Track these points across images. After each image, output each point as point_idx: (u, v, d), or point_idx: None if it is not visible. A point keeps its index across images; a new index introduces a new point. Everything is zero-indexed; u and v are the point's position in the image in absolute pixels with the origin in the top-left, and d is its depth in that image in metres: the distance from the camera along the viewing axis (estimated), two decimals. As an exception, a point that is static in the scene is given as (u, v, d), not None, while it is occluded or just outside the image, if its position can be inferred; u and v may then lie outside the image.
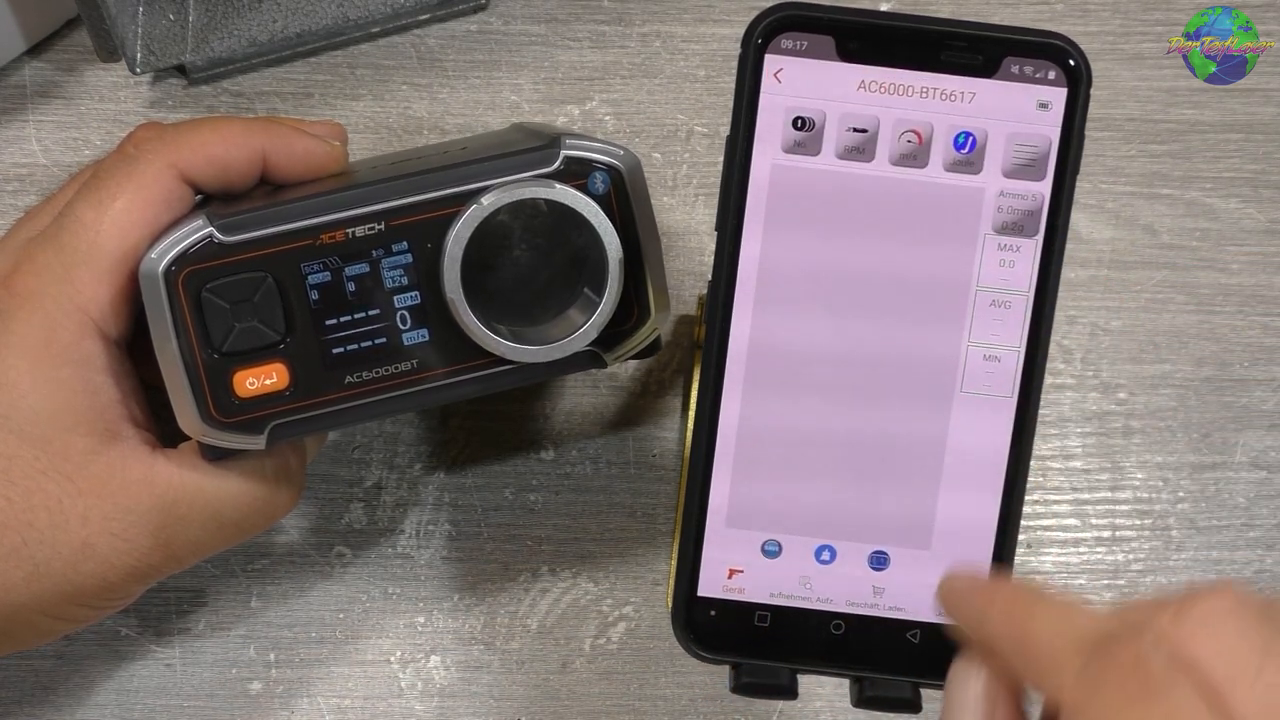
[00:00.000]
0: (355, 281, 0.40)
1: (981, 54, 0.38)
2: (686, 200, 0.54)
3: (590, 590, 0.52)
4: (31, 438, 0.40)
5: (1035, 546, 0.53)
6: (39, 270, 0.41)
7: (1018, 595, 0.33)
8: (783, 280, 0.39)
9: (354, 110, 0.54)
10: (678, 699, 0.51)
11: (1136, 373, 0.54)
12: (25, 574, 0.40)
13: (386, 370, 0.41)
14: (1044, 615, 0.31)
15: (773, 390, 0.39)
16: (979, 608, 0.33)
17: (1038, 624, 0.31)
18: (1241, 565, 0.53)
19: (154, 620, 0.51)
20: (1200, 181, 0.54)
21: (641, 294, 0.41)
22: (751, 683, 0.39)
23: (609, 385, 0.53)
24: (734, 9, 0.55)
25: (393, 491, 0.52)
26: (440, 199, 0.40)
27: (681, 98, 0.54)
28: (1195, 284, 0.54)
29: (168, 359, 0.40)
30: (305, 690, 0.51)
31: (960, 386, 0.39)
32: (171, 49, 0.51)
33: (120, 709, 0.51)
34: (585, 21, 0.55)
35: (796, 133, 0.38)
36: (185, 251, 0.39)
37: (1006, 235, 0.39)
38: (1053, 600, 0.32)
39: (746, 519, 0.39)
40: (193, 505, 0.42)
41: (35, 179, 0.53)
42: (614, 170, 0.40)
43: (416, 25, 0.54)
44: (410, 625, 0.51)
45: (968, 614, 0.34)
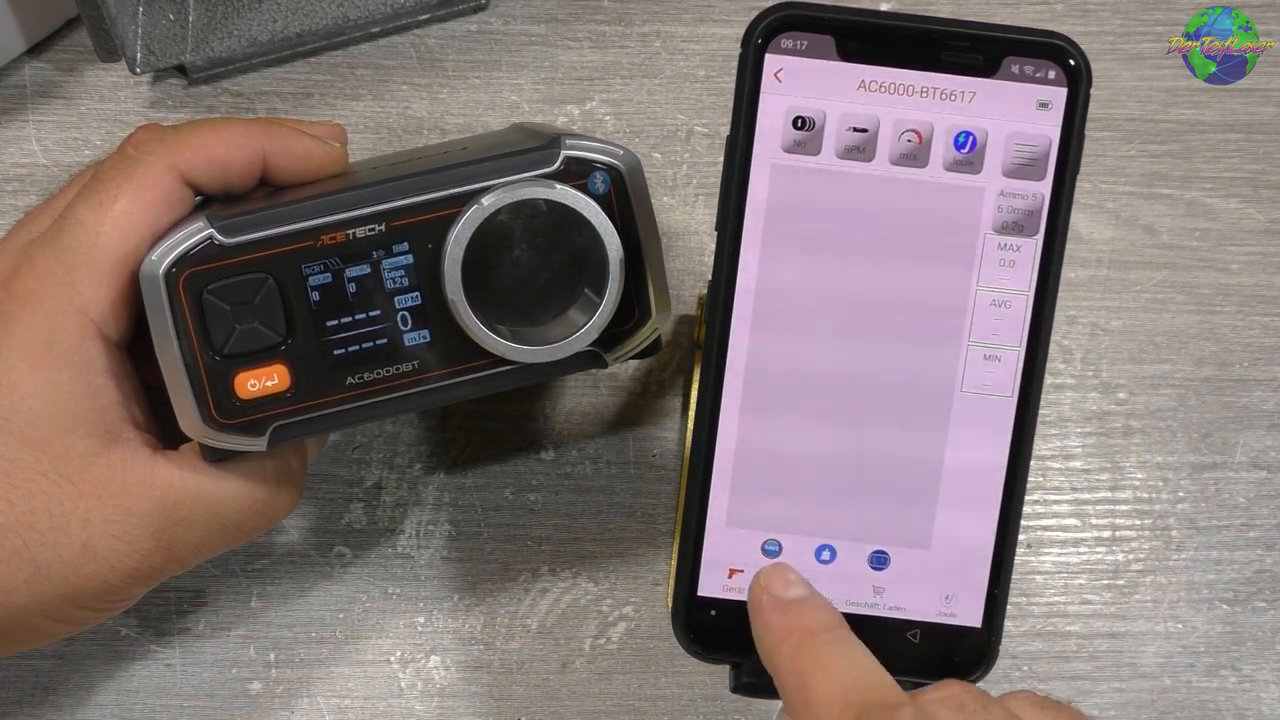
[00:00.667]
0: (356, 282, 0.40)
1: (982, 54, 0.38)
2: (686, 200, 0.54)
3: (590, 590, 0.52)
4: (32, 440, 0.40)
5: (1035, 546, 0.53)
6: (39, 272, 0.41)
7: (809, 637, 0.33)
8: (783, 280, 0.39)
9: (354, 110, 0.54)
10: (678, 699, 0.51)
11: (1136, 373, 0.54)
12: (26, 576, 0.40)
13: (387, 371, 0.41)
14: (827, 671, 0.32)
15: (773, 389, 0.39)
16: (775, 638, 0.34)
17: (819, 678, 0.32)
18: (1241, 565, 0.53)
19: (154, 620, 0.51)
20: (1200, 181, 0.54)
21: (642, 294, 0.42)
22: (751, 683, 0.39)
23: (609, 385, 0.53)
24: (734, 9, 0.55)
25: (393, 491, 0.52)
26: (441, 199, 0.40)
27: (681, 98, 0.54)
28: (1195, 284, 0.54)
29: (168, 361, 0.40)
30: (305, 690, 0.51)
31: (960, 386, 0.39)
32: (171, 49, 0.51)
33: (120, 709, 0.51)
34: (585, 21, 0.55)
35: (796, 132, 0.38)
36: (186, 253, 0.39)
37: (1006, 235, 0.39)
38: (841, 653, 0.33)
39: (746, 519, 0.39)
40: (194, 507, 0.42)
41: (35, 179, 0.53)
42: (614, 170, 0.40)
43: (416, 25, 0.54)
44: (410, 625, 0.51)
45: (763, 638, 0.34)
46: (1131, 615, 0.52)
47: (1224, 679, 0.52)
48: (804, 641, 0.33)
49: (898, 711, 0.31)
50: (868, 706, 0.31)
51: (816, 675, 0.32)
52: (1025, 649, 0.52)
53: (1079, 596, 0.52)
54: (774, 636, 0.34)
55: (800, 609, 0.35)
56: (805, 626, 0.34)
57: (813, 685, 0.32)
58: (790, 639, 0.33)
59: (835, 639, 0.34)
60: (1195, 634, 0.52)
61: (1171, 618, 0.52)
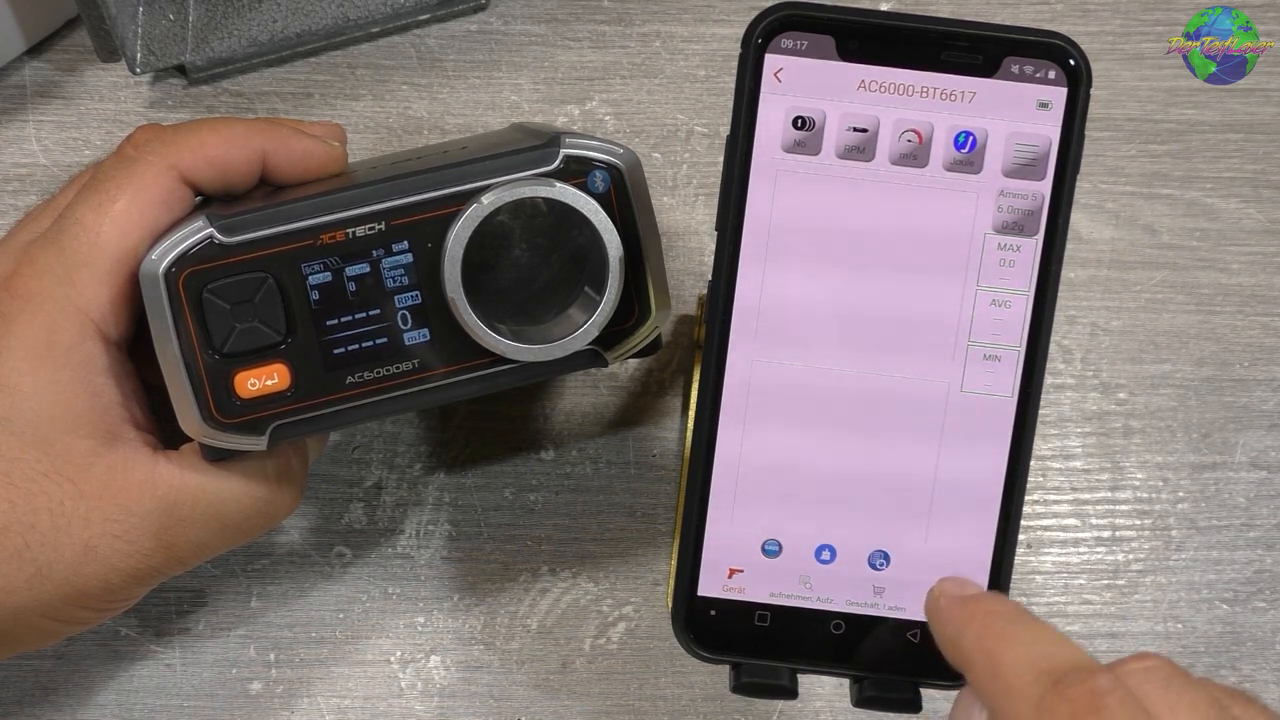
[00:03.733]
0: (356, 281, 0.40)
1: (982, 54, 0.38)
2: (686, 200, 0.54)
3: (590, 590, 0.52)
4: (33, 440, 0.40)
5: (1035, 546, 0.53)
6: (40, 272, 0.41)
7: (993, 617, 0.32)
8: (783, 280, 0.39)
9: (354, 110, 0.54)
10: (678, 699, 0.51)
11: (1136, 373, 0.54)
12: (27, 576, 0.40)
13: (387, 370, 0.41)
14: (1015, 641, 0.31)
15: (773, 389, 0.39)
16: (957, 625, 0.33)
17: (1007, 649, 0.31)
18: (1242, 565, 0.53)
19: (154, 620, 0.51)
20: (1200, 181, 0.55)
21: (642, 292, 0.42)
22: (751, 683, 0.39)
23: (609, 385, 0.53)
24: (734, 9, 0.55)
25: (393, 491, 0.52)
26: (440, 198, 0.40)
27: (681, 98, 0.54)
28: (1195, 284, 0.54)
29: (168, 360, 0.40)
30: (305, 690, 0.51)
31: (961, 386, 0.39)
32: (171, 49, 0.51)
33: (120, 709, 0.51)
34: (585, 21, 0.55)
35: (796, 132, 0.38)
36: (186, 252, 0.39)
37: (1006, 235, 0.39)
38: (1027, 626, 0.32)
39: (746, 519, 0.39)
40: (194, 507, 0.42)
41: (35, 179, 0.53)
42: (614, 169, 0.40)
43: (416, 25, 0.54)
44: (410, 625, 0.51)
45: (944, 630, 0.34)
46: (1131, 615, 0.52)
47: (1224, 679, 0.52)
48: (988, 621, 0.32)
49: (1096, 677, 0.29)
50: (1063, 672, 0.30)
51: (1004, 648, 0.31)
52: (1025, 649, 0.52)
53: (1079, 596, 0.52)
54: (956, 624, 0.33)
55: (979, 599, 0.34)
56: (987, 610, 0.33)
57: (1001, 657, 0.31)
58: (974, 622, 0.33)
59: (1019, 616, 0.33)
60: (1195, 634, 0.52)
61: (1171, 618, 0.52)
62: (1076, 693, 0.29)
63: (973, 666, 0.32)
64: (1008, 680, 0.31)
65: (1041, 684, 0.30)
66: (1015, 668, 0.31)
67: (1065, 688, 0.29)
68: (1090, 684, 0.29)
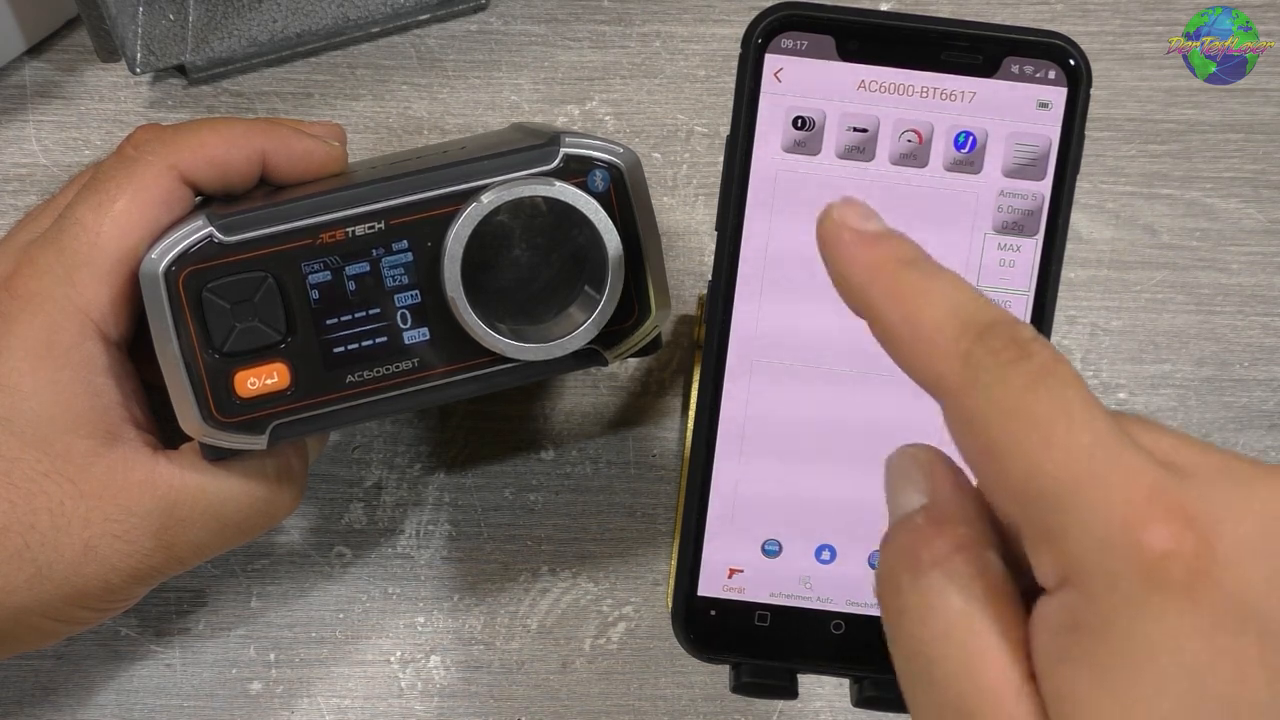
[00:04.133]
0: (356, 281, 0.40)
1: (982, 54, 0.38)
2: (686, 200, 0.54)
3: (590, 590, 0.52)
4: (33, 440, 0.40)
5: (1035, 546, 0.53)
6: (40, 272, 0.41)
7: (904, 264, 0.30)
8: (783, 280, 0.39)
9: (354, 110, 0.54)
10: (678, 699, 0.51)
11: (1136, 373, 0.54)
12: (27, 576, 0.40)
13: (387, 369, 0.41)
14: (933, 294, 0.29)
15: (773, 389, 0.39)
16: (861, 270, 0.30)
17: (925, 305, 0.29)
18: (1241, 565, 0.53)
19: (154, 620, 0.51)
20: (1200, 181, 0.54)
21: (642, 292, 0.42)
22: (751, 683, 0.39)
23: (609, 385, 0.53)
24: (734, 9, 0.55)
25: (393, 491, 0.52)
26: (440, 197, 0.40)
27: (681, 98, 0.54)
28: (1195, 284, 0.54)
29: (168, 359, 0.40)
30: (305, 690, 0.51)
31: (960, 386, 0.39)
32: (171, 49, 0.51)
33: (120, 709, 0.51)
34: (585, 21, 0.55)
35: (796, 132, 0.38)
36: (185, 251, 0.39)
37: (1006, 235, 0.39)
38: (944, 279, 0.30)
39: (746, 519, 0.39)
40: (194, 506, 0.42)
41: (35, 179, 0.53)
42: (614, 168, 0.41)
43: (416, 25, 0.54)
44: (410, 625, 0.51)
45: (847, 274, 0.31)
46: (1131, 615, 0.52)
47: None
48: (898, 272, 0.30)
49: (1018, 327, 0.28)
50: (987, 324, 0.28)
51: (921, 302, 0.29)
52: (1025, 649, 0.52)
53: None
54: (863, 270, 0.30)
55: (887, 241, 0.31)
56: (897, 257, 0.30)
57: (920, 313, 0.29)
58: (883, 271, 0.30)
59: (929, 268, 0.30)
60: (1195, 634, 0.52)
61: (1171, 618, 0.52)
62: (1002, 341, 0.28)
63: (885, 324, 0.30)
64: (929, 338, 0.29)
65: (966, 337, 0.28)
66: (935, 323, 0.29)
67: (991, 338, 0.28)
68: (1014, 331, 0.28)
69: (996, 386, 0.27)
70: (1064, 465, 0.26)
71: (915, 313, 0.29)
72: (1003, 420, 0.27)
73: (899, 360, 0.30)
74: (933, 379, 0.29)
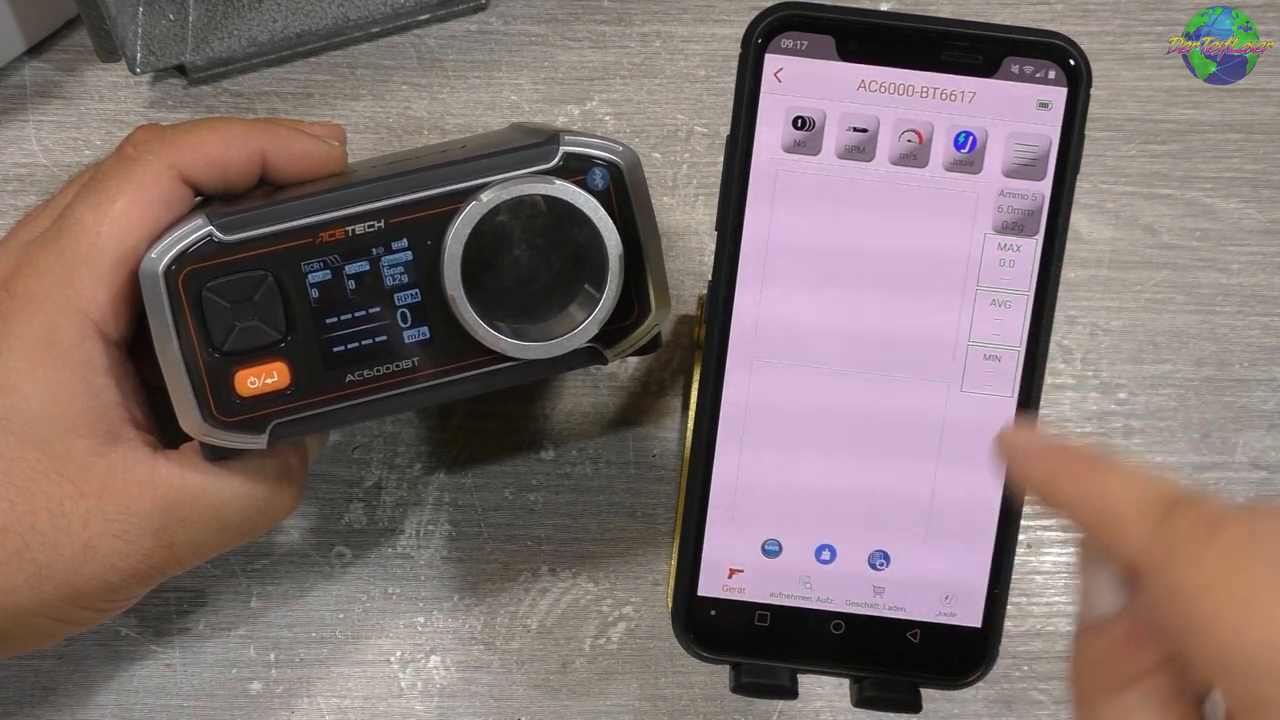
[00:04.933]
0: (356, 280, 0.40)
1: (982, 54, 0.38)
2: (686, 200, 0.54)
3: (590, 590, 0.52)
4: (33, 440, 0.40)
5: (1035, 546, 0.53)
6: (39, 272, 0.41)
7: (1091, 458, 0.32)
8: (783, 280, 0.39)
9: (354, 110, 0.54)
10: (678, 699, 0.51)
11: (1136, 373, 0.54)
12: (27, 576, 0.40)
13: (387, 368, 0.41)
14: (1118, 476, 0.31)
15: (773, 390, 0.39)
16: (1050, 469, 0.33)
17: (1113, 486, 0.31)
18: (1241, 565, 0.53)
19: (154, 620, 0.51)
20: (1200, 181, 0.55)
21: (642, 290, 0.41)
22: (751, 683, 0.39)
23: (609, 385, 0.53)
24: (734, 9, 0.55)
25: (393, 491, 0.52)
26: (440, 196, 0.40)
27: (681, 98, 0.54)
28: (1195, 284, 0.54)
29: (168, 359, 0.40)
30: (305, 690, 0.51)
31: (960, 386, 0.39)
32: (171, 49, 0.51)
33: (120, 709, 0.51)
34: (585, 21, 0.55)
35: (796, 132, 0.38)
36: (185, 251, 0.39)
37: (1006, 235, 0.39)
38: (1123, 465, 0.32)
39: (746, 519, 0.39)
40: (194, 506, 0.42)
41: (35, 179, 0.53)
42: (613, 166, 0.40)
43: (416, 25, 0.54)
44: (410, 625, 0.51)
45: (1037, 475, 0.33)
46: (1132, 615, 0.52)
47: (1224, 679, 0.52)
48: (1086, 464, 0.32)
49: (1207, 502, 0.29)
50: (1175, 500, 0.30)
51: (1110, 486, 0.31)
52: (1025, 649, 0.52)
53: None
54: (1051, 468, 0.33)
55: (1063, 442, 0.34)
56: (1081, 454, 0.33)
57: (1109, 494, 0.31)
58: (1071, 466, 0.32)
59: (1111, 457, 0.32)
60: (1195, 634, 0.52)
61: (1172, 618, 0.52)
62: (1192, 516, 0.29)
63: (1079, 510, 0.32)
64: (1120, 517, 0.30)
65: (1155, 514, 0.30)
66: (1126, 502, 0.30)
67: (1180, 514, 0.29)
68: (1203, 507, 0.29)
69: (1192, 561, 0.28)
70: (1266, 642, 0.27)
71: (1105, 493, 0.31)
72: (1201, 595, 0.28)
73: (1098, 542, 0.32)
74: (1131, 556, 0.30)
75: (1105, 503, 0.31)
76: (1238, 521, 0.29)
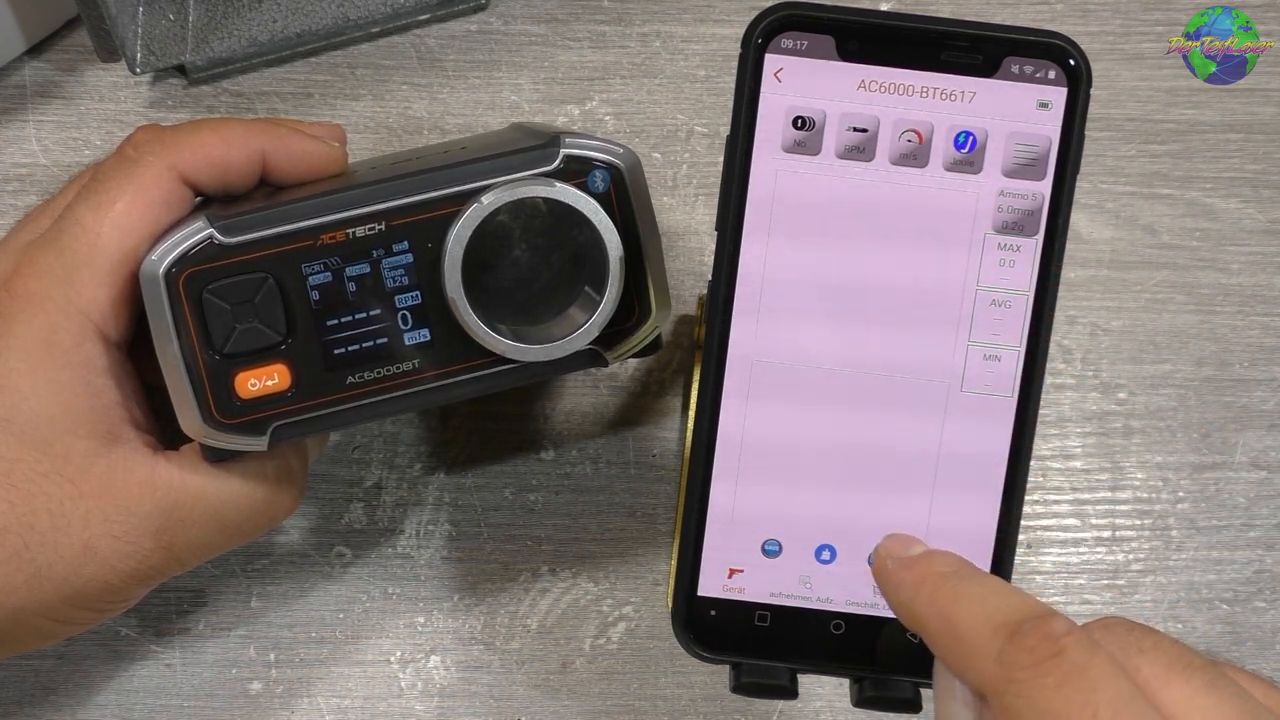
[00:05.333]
0: (356, 282, 0.40)
1: (982, 54, 0.38)
2: (686, 200, 0.54)
3: (590, 590, 0.52)
4: (33, 440, 0.40)
5: (1035, 546, 0.53)
6: (39, 273, 0.41)
7: (942, 579, 0.32)
8: (783, 280, 0.39)
9: (354, 110, 0.54)
10: (678, 699, 0.51)
11: (1136, 373, 0.54)
12: (27, 577, 0.40)
13: (388, 370, 0.41)
14: (967, 600, 0.31)
15: (773, 390, 0.39)
16: (908, 590, 0.33)
17: (961, 609, 0.31)
18: (1241, 565, 0.53)
19: (154, 620, 0.51)
20: (1200, 181, 0.55)
21: (642, 292, 0.42)
22: (751, 682, 0.39)
23: (609, 385, 0.53)
24: (734, 9, 0.55)
25: (393, 491, 0.52)
26: (440, 198, 0.40)
27: (681, 98, 0.54)
28: (1195, 284, 0.54)
29: (169, 360, 0.40)
30: (305, 690, 0.51)
31: (960, 387, 0.39)
32: (171, 49, 0.51)
33: (120, 709, 0.51)
34: (585, 21, 0.55)
35: (796, 132, 0.38)
36: (186, 253, 0.39)
37: (1006, 235, 0.39)
38: (978, 582, 0.32)
39: (746, 519, 0.39)
40: (194, 507, 0.42)
41: (35, 179, 0.53)
42: (614, 168, 0.40)
43: (416, 25, 0.54)
44: (410, 625, 0.51)
45: (896, 595, 0.34)
46: (1131, 615, 0.52)
47: (1224, 679, 0.52)
48: (938, 584, 0.32)
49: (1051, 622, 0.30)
50: (1018, 623, 0.30)
51: (958, 608, 0.31)
52: (1025, 649, 0.52)
53: (1079, 596, 0.52)
54: (908, 589, 0.33)
55: (926, 560, 0.34)
56: (936, 572, 0.33)
57: (957, 618, 0.31)
58: (924, 586, 0.32)
59: (967, 574, 0.33)
60: (1195, 634, 0.52)
61: (1171, 618, 0.52)
62: (1034, 639, 0.29)
63: (930, 631, 0.32)
64: (967, 641, 0.30)
65: (1000, 637, 0.30)
66: (972, 626, 0.31)
67: (1023, 637, 0.29)
68: (1046, 629, 0.29)
69: (1030, 685, 0.29)
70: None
71: (953, 617, 0.31)
72: None
73: (949, 666, 0.32)
74: (975, 680, 0.30)
75: (954, 625, 0.31)
76: (1078, 642, 0.29)
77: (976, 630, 0.30)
